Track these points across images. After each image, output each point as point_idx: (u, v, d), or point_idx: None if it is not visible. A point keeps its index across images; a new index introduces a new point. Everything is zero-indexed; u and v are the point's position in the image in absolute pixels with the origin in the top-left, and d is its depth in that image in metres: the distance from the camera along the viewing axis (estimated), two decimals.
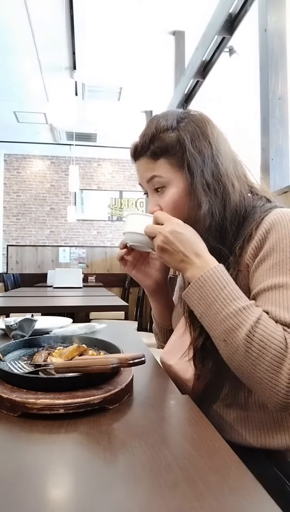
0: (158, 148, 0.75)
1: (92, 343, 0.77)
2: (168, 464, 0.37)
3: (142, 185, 0.82)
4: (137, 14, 3.23)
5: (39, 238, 6.70)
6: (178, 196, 0.75)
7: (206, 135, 0.75)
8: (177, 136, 0.75)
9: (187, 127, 0.75)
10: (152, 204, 0.79)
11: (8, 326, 0.95)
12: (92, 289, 3.64)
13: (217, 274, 0.64)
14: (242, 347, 0.57)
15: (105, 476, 0.36)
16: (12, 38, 3.56)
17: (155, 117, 0.80)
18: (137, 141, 0.80)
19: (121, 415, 0.50)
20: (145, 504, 0.31)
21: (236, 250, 0.70)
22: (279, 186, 1.79)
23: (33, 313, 1.26)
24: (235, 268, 0.69)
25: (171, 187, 0.75)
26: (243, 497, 0.32)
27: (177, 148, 0.74)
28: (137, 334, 1.19)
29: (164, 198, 0.76)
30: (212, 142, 0.74)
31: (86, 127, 5.58)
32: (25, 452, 0.41)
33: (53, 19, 3.31)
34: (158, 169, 0.76)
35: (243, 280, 0.69)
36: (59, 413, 0.48)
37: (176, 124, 0.76)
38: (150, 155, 0.76)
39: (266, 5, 1.86)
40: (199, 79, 3.06)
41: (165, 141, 0.75)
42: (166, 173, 0.75)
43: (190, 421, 0.49)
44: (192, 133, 0.74)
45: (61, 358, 0.65)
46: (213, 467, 0.37)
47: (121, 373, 0.61)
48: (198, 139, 0.74)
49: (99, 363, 0.53)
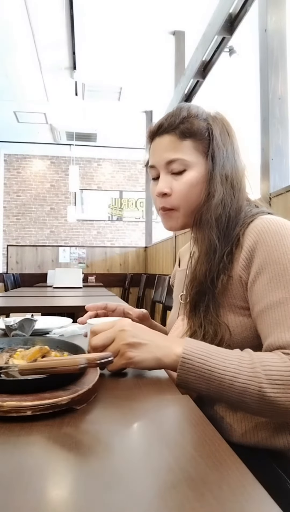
0: (188, 129, 0.75)
1: (55, 344, 0.76)
2: (168, 464, 0.37)
3: (156, 165, 0.79)
4: (137, 14, 3.23)
5: (39, 238, 6.70)
6: (196, 181, 0.75)
7: (231, 136, 0.79)
8: (207, 124, 0.77)
9: (216, 121, 0.78)
10: (164, 184, 0.77)
11: (8, 326, 0.95)
12: (92, 289, 3.64)
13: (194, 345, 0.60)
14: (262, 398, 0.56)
15: (105, 476, 0.36)
16: (12, 38, 3.56)
17: (186, 104, 0.81)
18: (163, 119, 0.79)
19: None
20: (145, 504, 0.31)
21: (225, 256, 0.70)
22: (279, 186, 1.79)
23: (33, 313, 1.25)
24: (225, 273, 0.70)
25: (191, 170, 0.76)
26: (243, 497, 0.32)
27: (206, 135, 0.76)
28: None
29: (181, 180, 0.76)
30: (234, 144, 0.78)
31: (86, 127, 5.58)
32: (19, 455, 0.41)
33: (53, 19, 3.31)
34: (183, 150, 0.76)
35: (235, 288, 0.70)
36: (26, 415, 0.47)
37: (206, 116, 0.78)
38: (178, 133, 0.76)
39: (266, 5, 1.86)
40: (199, 79, 3.07)
41: (195, 125, 0.75)
42: (190, 155, 0.76)
43: (190, 421, 0.49)
44: (221, 128, 0.77)
45: (23, 360, 0.64)
46: (213, 467, 0.37)
47: (87, 373, 0.59)
48: (224, 134, 0.77)
49: (67, 364, 0.52)
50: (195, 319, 0.73)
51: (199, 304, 0.73)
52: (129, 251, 6.11)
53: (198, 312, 0.73)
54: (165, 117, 0.79)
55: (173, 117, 0.77)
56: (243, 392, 0.57)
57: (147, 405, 0.55)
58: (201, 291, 0.73)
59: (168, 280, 2.48)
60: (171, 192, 0.77)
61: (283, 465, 0.66)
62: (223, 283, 0.70)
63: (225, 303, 0.71)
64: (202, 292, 0.72)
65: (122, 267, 6.04)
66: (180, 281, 0.94)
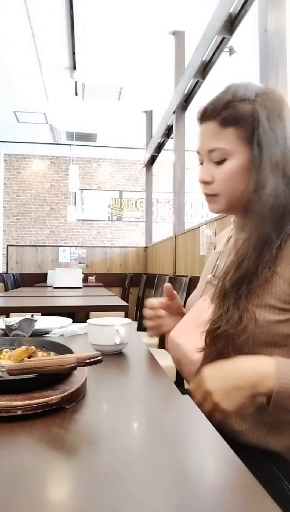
0: (230, 116, 0.72)
1: (41, 344, 0.76)
2: (168, 464, 0.37)
3: (200, 152, 0.78)
4: (137, 14, 3.23)
5: (39, 238, 6.70)
6: (237, 170, 0.73)
7: (282, 116, 0.73)
8: (252, 109, 0.72)
9: (265, 103, 0.72)
10: (205, 173, 0.77)
11: (8, 326, 0.95)
12: (92, 289, 3.64)
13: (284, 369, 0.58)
14: None
15: (105, 476, 0.36)
16: (12, 38, 3.56)
17: (234, 85, 0.76)
18: (209, 103, 0.76)
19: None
20: (145, 504, 0.31)
21: (273, 249, 0.67)
22: None
23: (33, 313, 1.25)
24: (270, 268, 0.67)
25: (233, 159, 0.73)
26: (243, 497, 0.32)
27: (250, 121, 0.71)
28: (137, 334, 1.19)
29: (221, 169, 0.74)
30: (287, 125, 0.73)
31: (86, 127, 5.58)
32: (20, 455, 0.41)
33: (53, 19, 3.31)
34: (224, 138, 0.73)
35: (277, 285, 0.67)
36: (17, 414, 0.47)
37: (254, 97, 0.73)
38: (220, 121, 0.73)
39: (266, 5, 1.86)
40: (199, 79, 3.06)
41: (239, 111, 0.72)
42: (231, 144, 0.73)
43: (190, 421, 0.49)
44: (269, 110, 0.72)
45: (10, 360, 0.64)
46: (213, 467, 0.37)
47: (75, 372, 0.60)
48: (273, 117, 0.72)
49: (56, 364, 0.53)
50: (223, 303, 0.70)
51: (233, 290, 0.70)
52: (129, 251, 6.10)
53: (228, 298, 0.70)
54: (212, 100, 0.76)
55: (218, 101, 0.74)
56: None
57: (147, 405, 0.55)
58: (239, 280, 0.70)
59: (168, 280, 2.48)
60: (213, 180, 0.76)
61: (278, 464, 0.66)
62: (265, 277, 0.68)
63: (260, 295, 0.68)
64: (240, 281, 0.69)
65: (122, 267, 6.03)
66: (211, 262, 0.92)
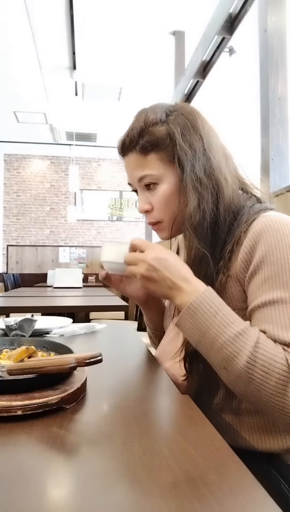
0: (148, 143, 0.72)
1: (41, 344, 0.76)
2: (168, 464, 0.37)
3: (132, 183, 0.79)
4: (137, 14, 3.23)
5: (39, 238, 6.70)
6: (170, 193, 0.73)
7: (197, 128, 0.72)
8: (166, 129, 0.72)
9: (176, 120, 0.72)
10: (142, 201, 0.77)
11: (8, 326, 0.95)
12: (92, 289, 3.64)
13: (208, 298, 0.61)
14: (244, 374, 0.56)
15: (104, 476, 0.36)
16: (12, 38, 3.56)
17: (143, 111, 0.76)
18: (125, 135, 0.76)
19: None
20: (145, 504, 0.31)
21: (226, 254, 0.67)
22: (279, 186, 1.79)
23: (33, 313, 1.26)
24: (224, 273, 0.67)
25: (163, 183, 0.73)
26: (243, 497, 0.32)
27: (167, 142, 0.71)
28: (137, 334, 1.19)
29: (155, 195, 0.74)
30: (203, 135, 0.72)
31: (86, 127, 5.58)
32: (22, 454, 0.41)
33: (53, 19, 3.31)
34: (148, 165, 0.73)
35: (233, 287, 0.68)
36: (17, 414, 0.47)
37: (165, 117, 0.73)
38: (139, 150, 0.73)
39: (266, 5, 1.86)
40: (199, 79, 3.06)
41: (155, 135, 0.72)
42: (157, 169, 0.73)
43: (190, 421, 0.49)
44: (182, 126, 0.71)
45: (10, 360, 0.64)
46: (213, 467, 0.37)
47: (75, 372, 0.59)
48: (188, 132, 0.71)
49: (56, 364, 0.52)
50: None
51: None
52: None
53: None
54: (127, 132, 0.76)
55: (132, 131, 0.74)
56: (230, 360, 0.57)
57: (146, 405, 0.55)
58: None
59: None
60: (152, 207, 0.76)
61: (277, 466, 0.66)
62: (221, 282, 0.68)
63: None
64: None
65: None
66: None
